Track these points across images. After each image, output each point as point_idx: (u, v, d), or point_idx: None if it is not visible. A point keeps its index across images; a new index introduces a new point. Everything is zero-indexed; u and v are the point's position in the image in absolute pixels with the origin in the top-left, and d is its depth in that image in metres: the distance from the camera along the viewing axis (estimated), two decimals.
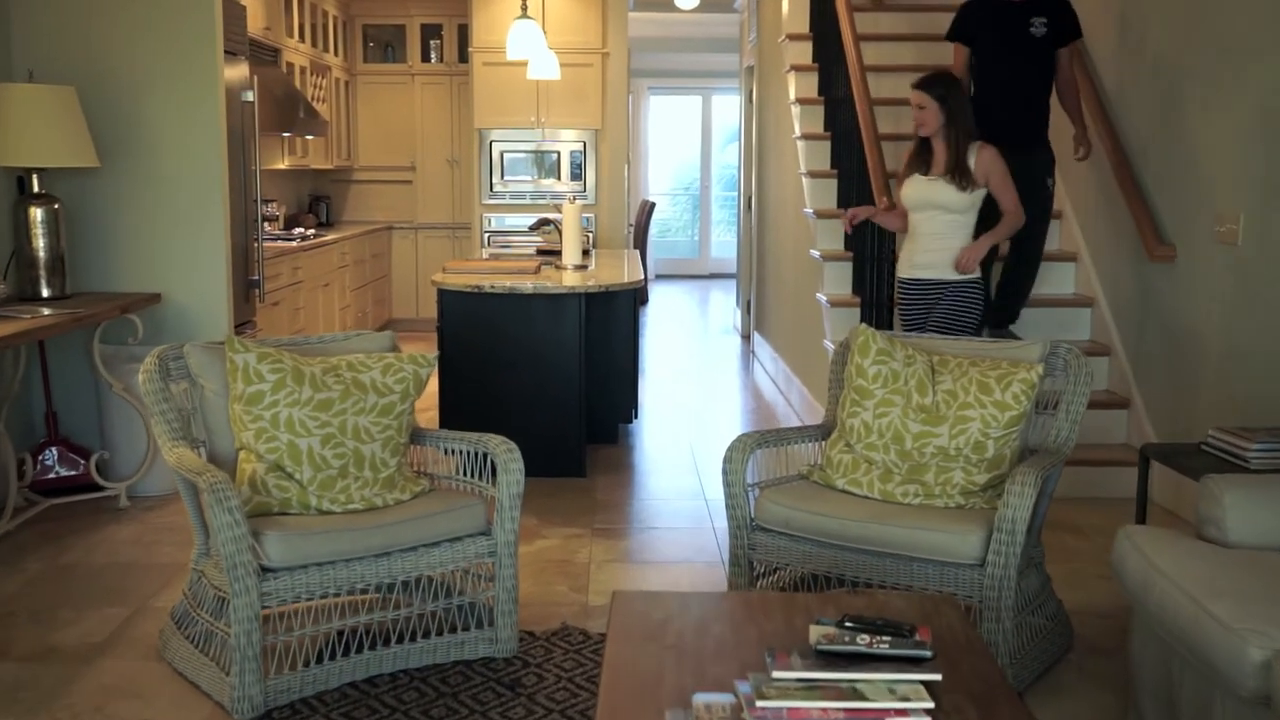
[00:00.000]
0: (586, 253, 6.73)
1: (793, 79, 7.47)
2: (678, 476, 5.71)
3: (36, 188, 4.89)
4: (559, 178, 9.48)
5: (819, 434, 3.82)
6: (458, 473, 3.70)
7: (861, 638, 2.30)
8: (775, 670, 2.17)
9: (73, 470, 5.12)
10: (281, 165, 8.46)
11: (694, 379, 8.62)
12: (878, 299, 5.40)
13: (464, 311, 5.46)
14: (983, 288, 4.75)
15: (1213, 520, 3.00)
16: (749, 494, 3.55)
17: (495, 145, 9.44)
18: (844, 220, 5.24)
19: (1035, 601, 3.39)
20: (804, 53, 7.43)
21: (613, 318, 6.10)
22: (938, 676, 2.16)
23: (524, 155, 9.49)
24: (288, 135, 8.18)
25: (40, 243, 4.86)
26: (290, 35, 8.37)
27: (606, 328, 6.06)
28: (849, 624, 2.36)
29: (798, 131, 7.24)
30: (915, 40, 7.30)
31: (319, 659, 3.25)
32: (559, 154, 9.46)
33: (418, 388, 3.57)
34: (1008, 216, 4.70)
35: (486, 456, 3.57)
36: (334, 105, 9.62)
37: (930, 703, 2.07)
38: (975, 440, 3.44)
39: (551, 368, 5.46)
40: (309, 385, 3.38)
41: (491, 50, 8.92)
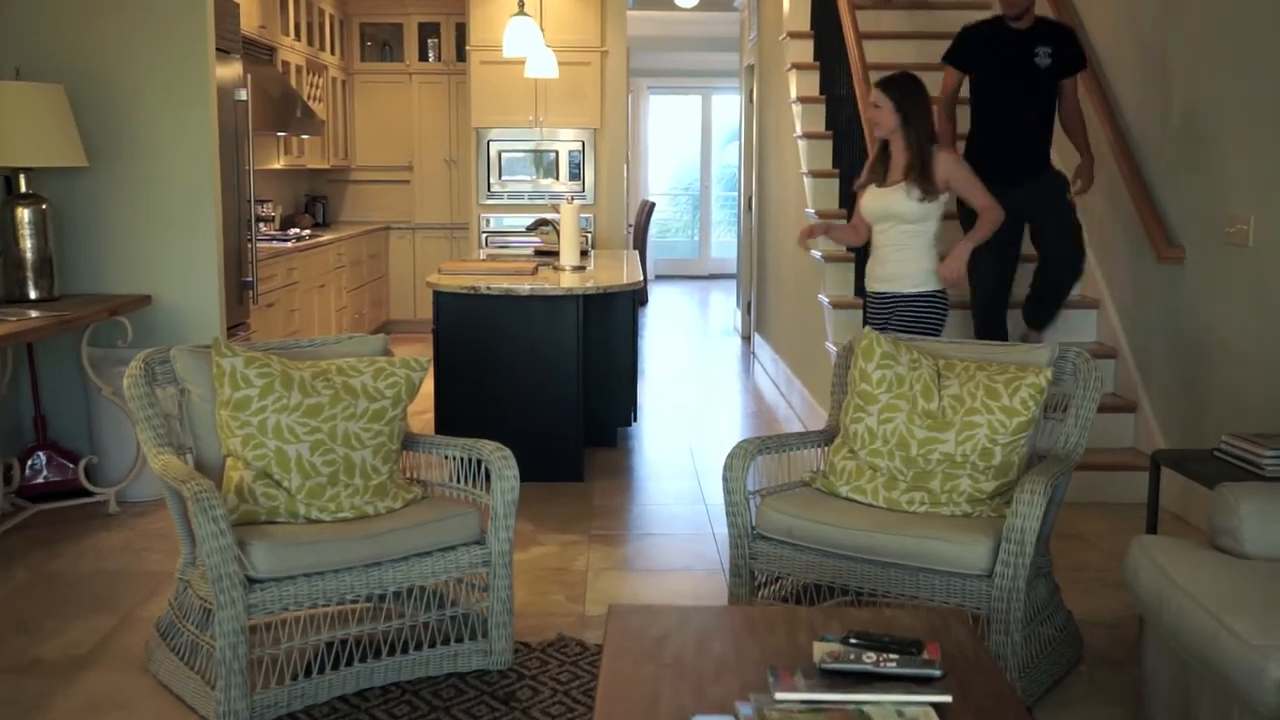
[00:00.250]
0: (585, 253, 6.64)
1: (794, 77, 7.38)
2: (677, 480, 5.62)
3: (24, 188, 4.80)
4: (557, 177, 9.39)
5: (822, 439, 3.73)
6: (451, 479, 3.61)
7: (868, 656, 2.21)
8: (778, 691, 2.08)
9: (61, 475, 5.03)
10: (277, 165, 8.37)
11: (694, 381, 8.53)
12: None
13: (460, 313, 5.37)
14: (943, 300, 4.53)
15: (1228, 530, 2.91)
16: (750, 501, 3.46)
17: (493, 145, 9.35)
18: (800, 240, 5.07)
19: (1044, 612, 3.30)
20: (805, 51, 7.34)
21: (611, 319, 6.01)
22: (948, 698, 2.07)
23: (522, 155, 9.40)
24: (283, 135, 8.09)
25: (28, 244, 4.77)
26: (286, 34, 8.28)
27: (605, 329, 5.97)
28: (854, 641, 2.28)
29: (799, 130, 7.15)
30: (917, 39, 7.21)
31: (308, 672, 3.15)
32: (557, 153, 9.37)
33: (410, 392, 3.48)
34: (984, 214, 4.54)
35: (480, 463, 3.48)
36: (331, 105, 9.53)
37: None
38: (982, 447, 3.35)
39: (549, 370, 5.37)
40: (298, 390, 3.29)
41: (489, 49, 8.83)
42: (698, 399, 7.81)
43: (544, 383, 5.37)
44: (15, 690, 3.30)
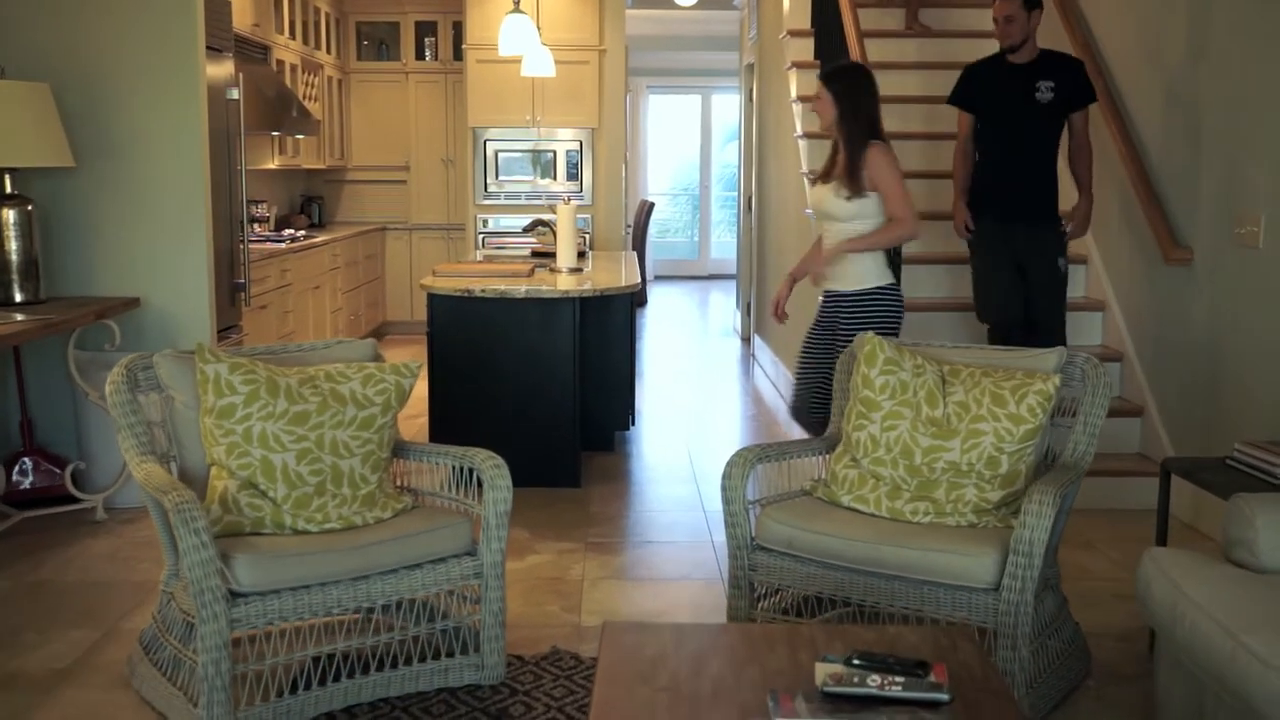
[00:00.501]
0: (582, 254, 6.55)
1: (794, 76, 7.29)
2: (676, 486, 5.52)
3: (9, 188, 4.70)
4: (555, 178, 9.29)
5: (823, 447, 3.63)
6: (444, 486, 3.51)
7: (872, 678, 2.12)
8: (778, 716, 1.99)
9: (48, 481, 4.93)
10: (271, 165, 8.27)
11: (693, 383, 8.44)
12: None
13: (454, 316, 5.28)
14: (887, 296, 4.29)
15: (1244, 543, 2.81)
16: (749, 511, 3.36)
17: (490, 144, 9.25)
18: (777, 315, 4.65)
19: (1052, 625, 3.20)
20: (806, 49, 7.25)
21: (609, 321, 5.91)
22: None
23: (519, 155, 9.30)
24: (277, 134, 7.99)
25: (13, 245, 4.67)
26: (280, 32, 8.18)
27: (602, 332, 5.87)
28: (858, 662, 2.18)
29: (799, 130, 7.06)
30: (920, 37, 7.13)
31: (293, 688, 3.06)
32: (555, 153, 9.27)
33: (400, 399, 3.38)
34: (892, 224, 4.23)
35: (473, 471, 3.38)
36: (326, 104, 9.44)
37: None
38: (988, 455, 3.26)
39: (545, 374, 5.28)
40: (284, 397, 3.19)
41: (486, 47, 8.73)
42: (697, 402, 7.72)
43: (540, 386, 5.28)
44: None
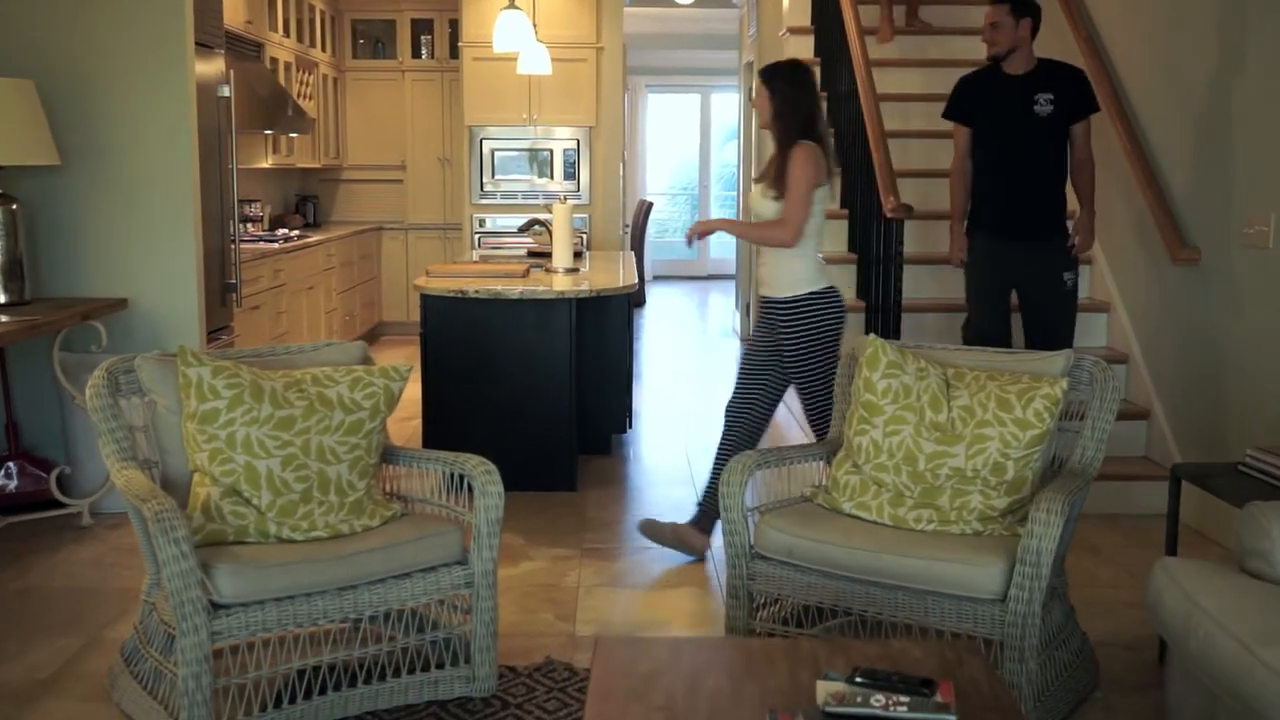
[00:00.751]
0: (579, 255, 6.46)
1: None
2: (674, 489, 5.43)
3: None
4: (552, 177, 9.20)
5: (824, 452, 3.54)
6: (436, 492, 3.42)
7: (876, 698, 2.03)
8: None
9: (34, 486, 4.84)
10: (265, 164, 8.17)
11: (692, 384, 8.35)
12: (884, 304, 5.12)
13: (448, 317, 5.19)
14: (822, 303, 4.17)
15: (1260, 553, 2.72)
16: (748, 519, 3.27)
17: (486, 143, 9.16)
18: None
19: (1060, 636, 3.11)
20: (805, 47, 7.15)
21: (606, 322, 5.81)
22: None
23: (516, 154, 9.21)
24: (270, 133, 7.90)
25: None
26: (274, 30, 8.09)
27: (599, 333, 5.78)
28: (861, 680, 2.09)
29: None
30: (923, 34, 7.03)
31: (277, 702, 2.97)
32: (552, 152, 9.18)
33: (389, 403, 3.29)
34: (773, 224, 4.14)
35: (464, 477, 3.29)
36: (321, 102, 9.34)
37: None
38: (994, 461, 3.16)
39: (541, 376, 5.19)
40: (269, 401, 3.10)
41: (482, 44, 8.64)
42: (696, 403, 7.62)
43: (536, 388, 5.19)
44: None
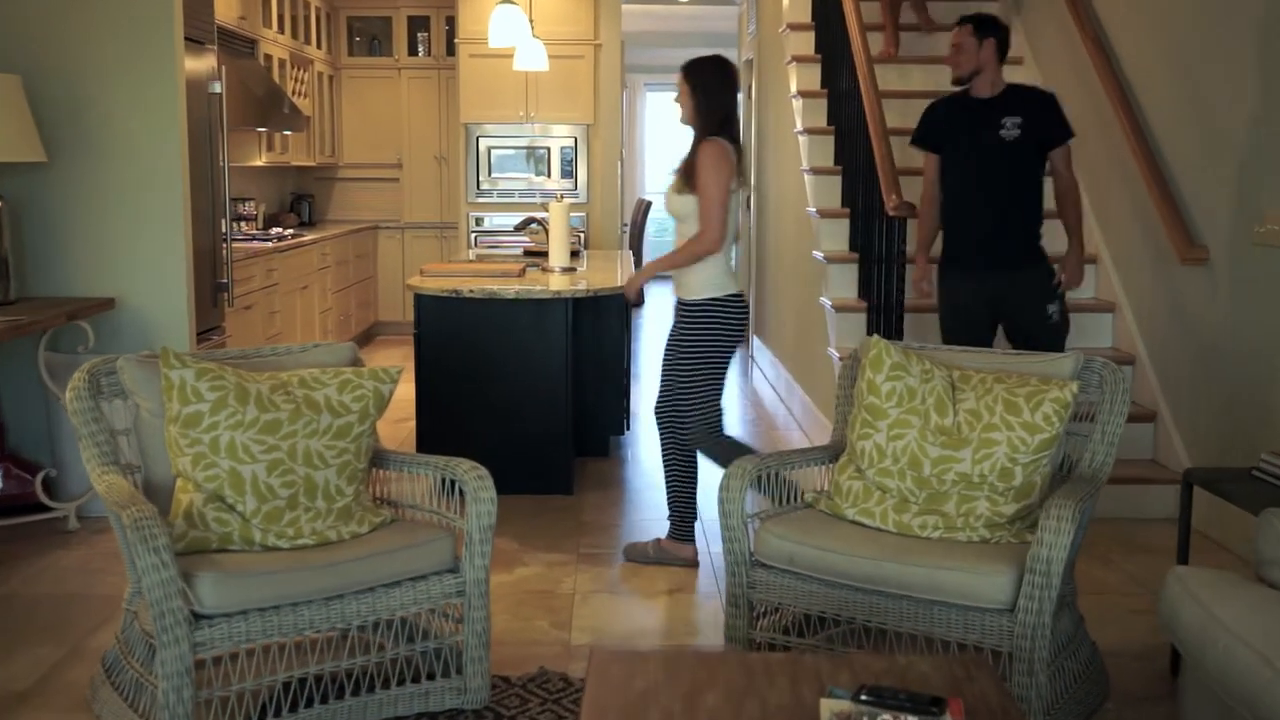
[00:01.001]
0: (576, 254, 6.37)
1: (794, 71, 7.11)
2: None
3: None
4: (549, 175, 9.11)
5: (826, 456, 3.44)
6: (428, 497, 3.32)
7: (883, 717, 1.93)
8: None
9: (20, 489, 4.74)
10: (259, 162, 8.08)
11: None
12: (886, 304, 5.03)
13: (442, 318, 5.10)
14: (722, 306, 4.12)
15: (1278, 562, 2.63)
16: (748, 526, 3.18)
17: (482, 141, 9.07)
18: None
19: (1069, 647, 3.02)
20: (806, 43, 7.07)
21: (603, 322, 5.72)
22: None
23: (513, 152, 9.11)
24: (264, 131, 7.81)
25: None
26: (268, 26, 7.99)
27: (597, 333, 5.68)
28: (866, 698, 2.00)
29: (799, 126, 6.88)
30: (936, 32, 6.93)
31: (262, 715, 2.87)
32: (549, 150, 9.09)
33: (379, 406, 3.20)
34: (692, 241, 4.06)
35: (455, 483, 3.20)
36: (317, 100, 9.25)
37: None
38: (1001, 466, 3.07)
39: (536, 377, 5.10)
40: (254, 405, 3.00)
41: (479, 42, 8.55)
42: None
43: (532, 390, 5.10)
44: None
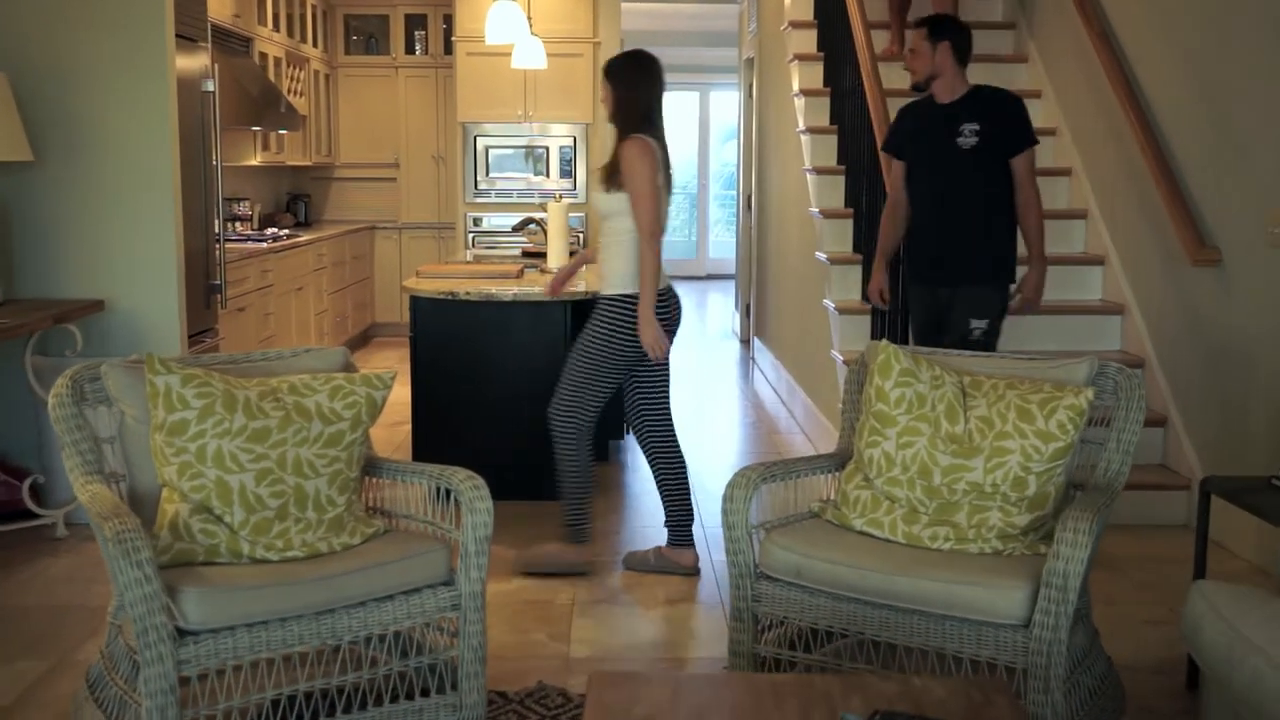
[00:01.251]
0: (575, 254, 6.25)
1: (796, 69, 7.01)
2: None
3: None
4: (548, 174, 9.01)
5: (833, 464, 3.34)
6: (422, 506, 3.22)
7: None
8: None
9: (7, 495, 4.64)
10: (254, 161, 7.99)
11: (691, 387, 8.15)
12: (892, 307, 4.93)
13: (439, 320, 5.00)
14: (627, 304, 4.07)
15: None
16: (753, 537, 3.07)
17: (480, 140, 8.96)
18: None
19: (1085, 661, 2.91)
20: (808, 41, 6.97)
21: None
22: None
23: (511, 151, 9.01)
24: (259, 130, 7.71)
25: None
26: (263, 24, 7.89)
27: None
28: None
29: (801, 125, 6.78)
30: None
31: None
32: (548, 149, 8.98)
33: (372, 413, 3.09)
34: (642, 243, 4.01)
35: (451, 492, 3.09)
36: (313, 99, 9.15)
37: None
38: (1014, 476, 2.97)
39: (535, 380, 4.98)
40: (242, 412, 2.90)
41: (476, 40, 8.44)
42: (695, 408, 7.43)
43: (529, 394, 4.98)
44: None
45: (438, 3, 9.51)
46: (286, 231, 8.16)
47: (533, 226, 6.46)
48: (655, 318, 4.04)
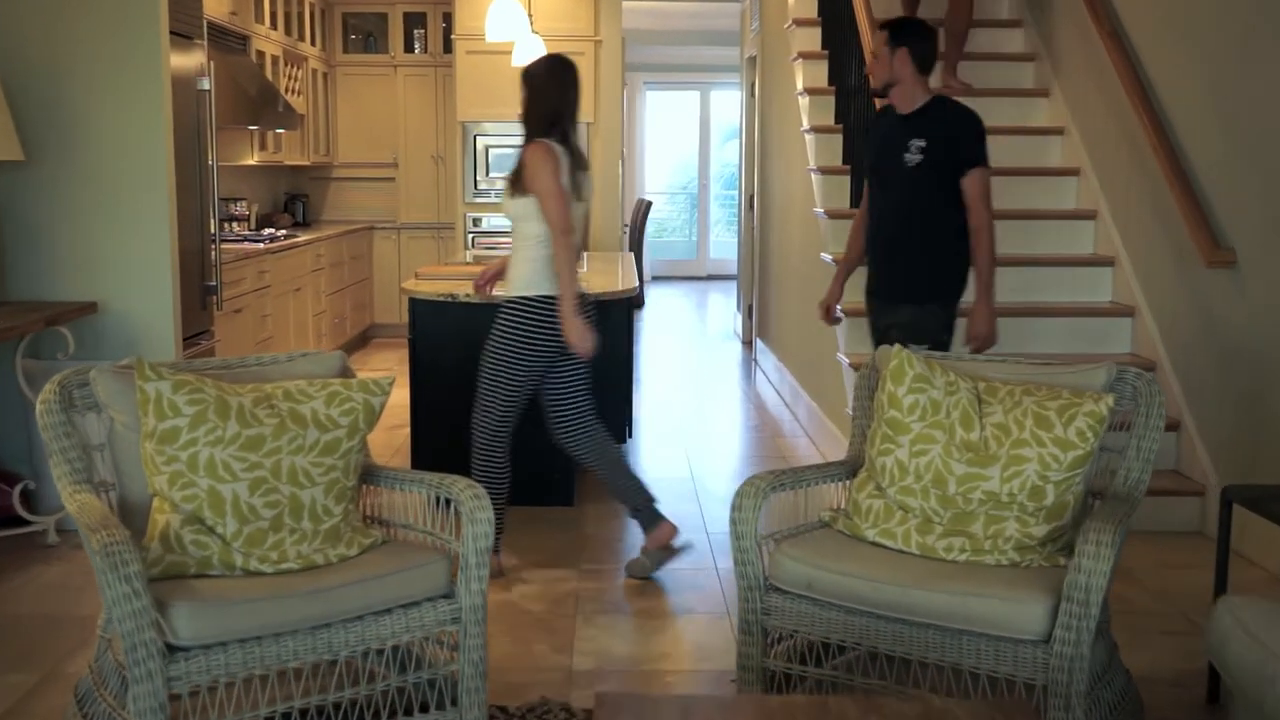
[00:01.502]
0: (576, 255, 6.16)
1: (800, 68, 6.92)
2: (676, 503, 5.11)
3: None
4: None
5: (843, 472, 3.25)
6: (419, 518, 3.13)
7: None
8: None
9: None
10: (251, 161, 7.89)
11: (693, 390, 8.07)
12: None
13: (438, 322, 4.93)
14: (526, 305, 4.00)
15: None
16: (761, 548, 2.98)
17: (480, 140, 8.87)
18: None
19: (1105, 676, 2.83)
20: (813, 39, 6.87)
21: (606, 327, 5.45)
22: None
23: (511, 151, 8.88)
24: (256, 129, 7.62)
25: None
26: (260, 22, 7.80)
27: (598, 338, 5.47)
28: None
29: (806, 124, 6.69)
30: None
31: None
32: None
33: (369, 420, 3.00)
34: (556, 245, 3.96)
35: (451, 501, 3.00)
36: (311, 98, 9.06)
37: None
38: (1032, 485, 2.88)
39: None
40: (235, 419, 2.81)
41: (476, 38, 8.35)
42: (697, 411, 7.35)
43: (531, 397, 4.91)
44: None
45: (437, 1, 9.42)
46: (284, 232, 8.08)
47: None
48: (578, 312, 3.99)
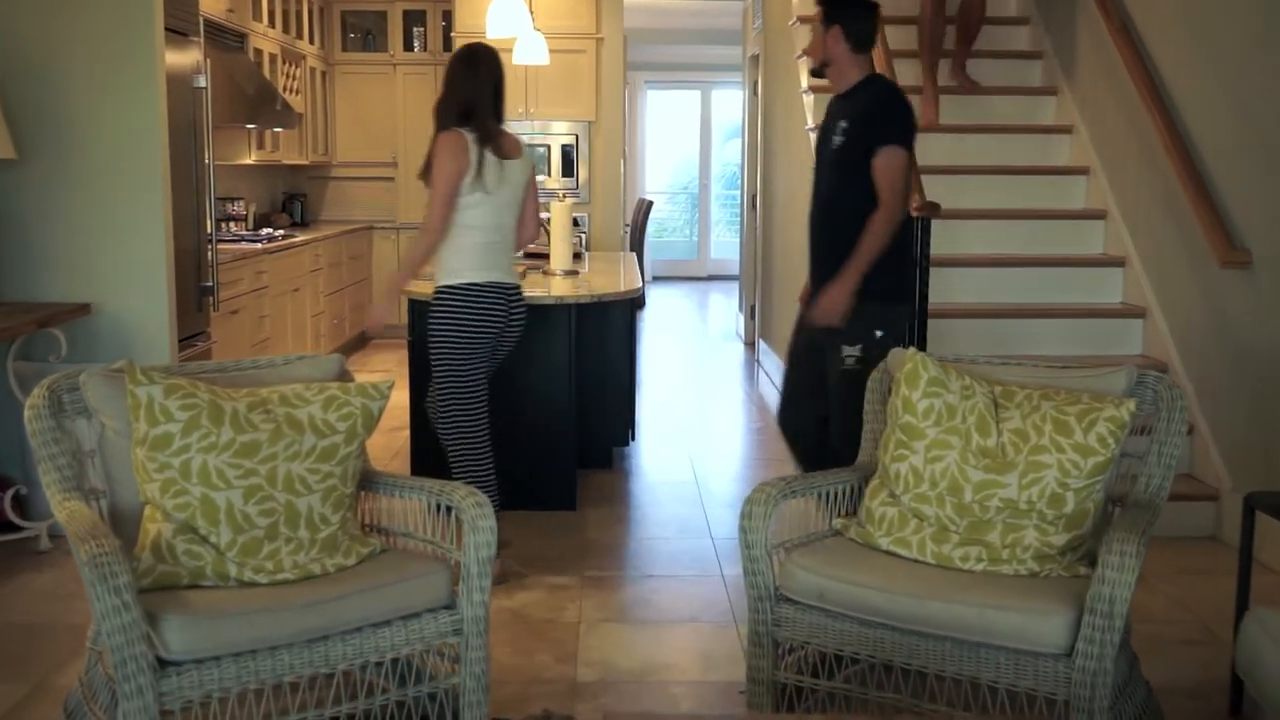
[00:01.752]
0: (578, 256, 6.09)
1: (804, 65, 6.82)
2: (679, 507, 5.07)
3: None
4: (550, 173, 8.83)
5: (856, 478, 3.16)
6: (419, 526, 3.04)
7: None
8: None
9: None
10: (249, 160, 7.81)
11: (695, 392, 7.99)
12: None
13: None
14: (449, 295, 4.00)
15: None
16: (772, 557, 2.90)
17: None
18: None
19: (1126, 689, 2.74)
20: None
21: (607, 329, 5.44)
22: None
23: None
24: (254, 128, 7.53)
25: None
26: (258, 20, 7.71)
27: (600, 340, 5.40)
28: None
29: (810, 123, 6.60)
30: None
31: None
32: (549, 147, 8.81)
33: (367, 425, 2.92)
34: (419, 234, 3.99)
35: (452, 509, 2.92)
36: (309, 97, 8.97)
37: None
38: (1051, 492, 2.80)
39: (538, 387, 4.84)
40: (230, 425, 2.72)
41: (476, 36, 8.20)
42: (700, 413, 7.28)
43: (532, 400, 4.84)
44: None
45: None
46: (282, 232, 7.98)
47: None
48: (395, 301, 4.21)
